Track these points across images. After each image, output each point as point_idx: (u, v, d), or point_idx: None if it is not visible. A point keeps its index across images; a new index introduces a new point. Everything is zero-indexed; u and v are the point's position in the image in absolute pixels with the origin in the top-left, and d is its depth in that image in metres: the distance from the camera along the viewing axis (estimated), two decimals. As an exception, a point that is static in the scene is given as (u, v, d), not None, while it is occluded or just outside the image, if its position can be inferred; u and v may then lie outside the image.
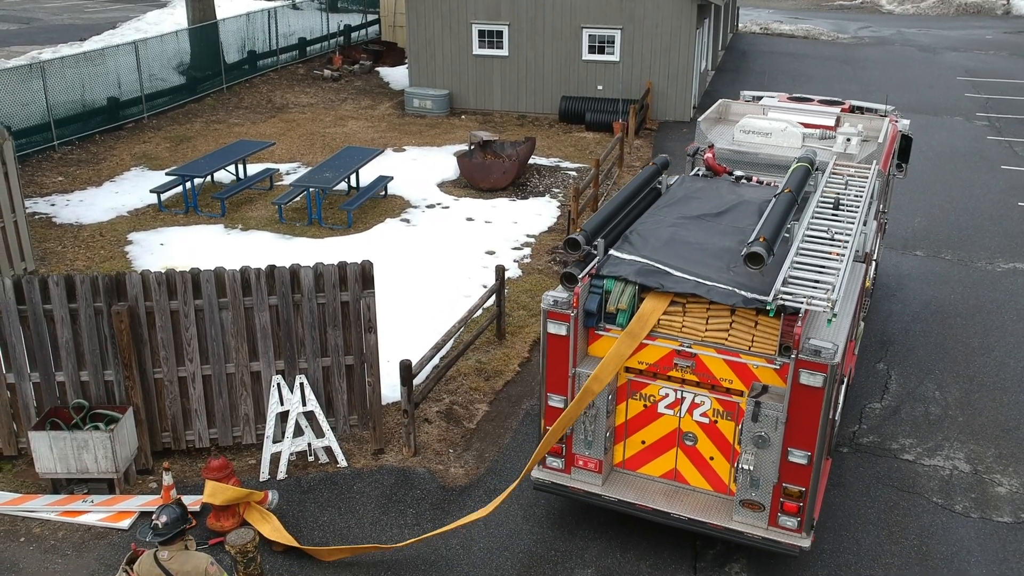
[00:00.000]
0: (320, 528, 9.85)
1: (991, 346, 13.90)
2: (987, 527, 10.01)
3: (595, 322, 9.09)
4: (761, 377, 8.59)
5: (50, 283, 10.07)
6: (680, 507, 9.17)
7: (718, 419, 8.96)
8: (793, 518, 8.68)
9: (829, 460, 9.87)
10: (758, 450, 8.54)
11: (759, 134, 12.49)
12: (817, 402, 8.16)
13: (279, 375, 10.71)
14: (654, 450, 9.40)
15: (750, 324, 8.63)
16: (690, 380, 8.90)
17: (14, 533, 9.74)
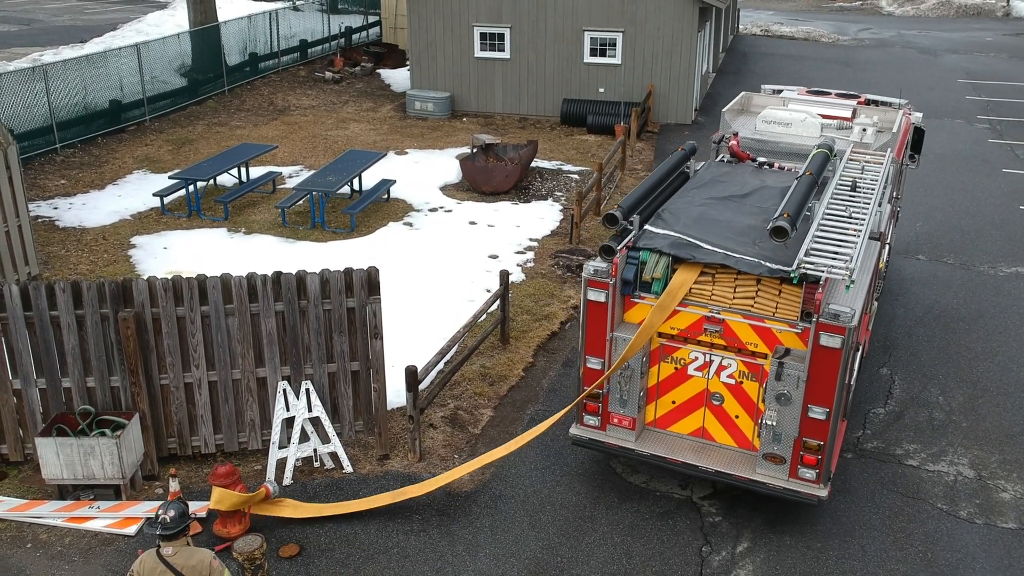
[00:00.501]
0: (325, 534, 9.86)
1: (994, 351, 13.93)
2: (992, 533, 10.03)
3: (631, 290, 9.96)
4: (784, 341, 9.41)
5: (57, 289, 10.09)
6: (707, 461, 10.00)
7: (743, 380, 9.79)
8: (812, 470, 9.51)
9: (844, 422, 10.71)
10: (780, 407, 9.40)
11: (780, 124, 13.15)
12: (836, 362, 8.98)
13: (285, 381, 10.73)
14: (683, 410, 10.26)
15: (774, 292, 9.49)
16: (718, 344, 9.76)
17: (21, 539, 9.75)
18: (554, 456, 11.25)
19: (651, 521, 10.13)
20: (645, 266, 9.87)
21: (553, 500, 10.45)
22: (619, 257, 9.71)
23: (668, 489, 10.67)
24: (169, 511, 7.20)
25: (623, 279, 9.86)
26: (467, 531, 9.95)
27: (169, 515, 7.18)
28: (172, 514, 7.19)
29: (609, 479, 10.84)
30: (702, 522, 10.13)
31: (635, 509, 10.32)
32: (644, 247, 9.92)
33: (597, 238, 17.80)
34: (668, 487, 10.70)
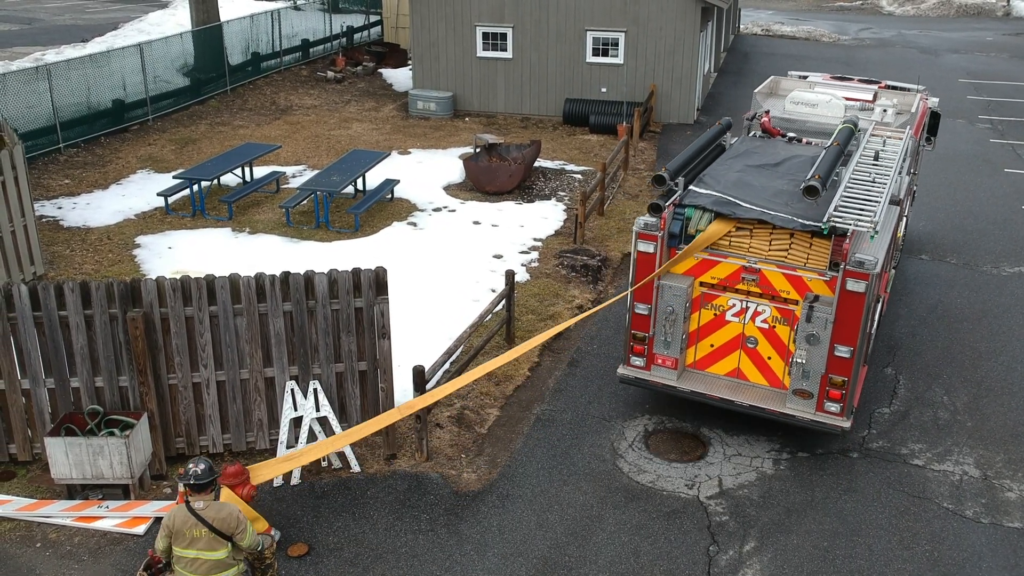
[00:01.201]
0: (334, 533, 9.89)
1: (998, 350, 13.97)
2: (998, 533, 10.07)
3: (677, 243, 11.18)
4: (813, 288, 10.60)
5: (65, 290, 10.11)
6: (742, 397, 11.23)
7: (776, 325, 10.99)
8: (837, 404, 10.71)
9: (865, 367, 12.02)
10: (809, 347, 10.58)
11: (807, 105, 14.28)
12: (860, 305, 10.19)
13: (293, 381, 10.76)
14: (721, 352, 11.49)
15: (806, 245, 10.68)
16: (754, 292, 10.96)
17: (30, 539, 9.78)
18: (561, 456, 11.28)
19: (658, 520, 10.16)
20: (690, 221, 11.15)
21: (560, 499, 10.49)
22: (666, 213, 11.05)
23: (675, 488, 10.70)
24: (200, 464, 7.86)
25: (670, 232, 11.15)
26: (475, 530, 9.98)
27: (200, 467, 7.85)
28: (202, 467, 7.86)
29: (616, 478, 10.87)
30: (709, 521, 10.17)
31: (642, 508, 10.35)
32: (689, 204, 11.17)
33: (601, 238, 17.83)
34: (675, 486, 10.74)
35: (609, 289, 15.93)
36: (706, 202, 11.08)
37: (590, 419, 12.07)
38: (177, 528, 7.81)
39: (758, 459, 11.28)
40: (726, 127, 13.49)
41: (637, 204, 19.80)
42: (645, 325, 11.43)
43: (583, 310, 15.08)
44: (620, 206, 19.61)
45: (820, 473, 11.02)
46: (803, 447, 11.51)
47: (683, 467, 11.12)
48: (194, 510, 7.81)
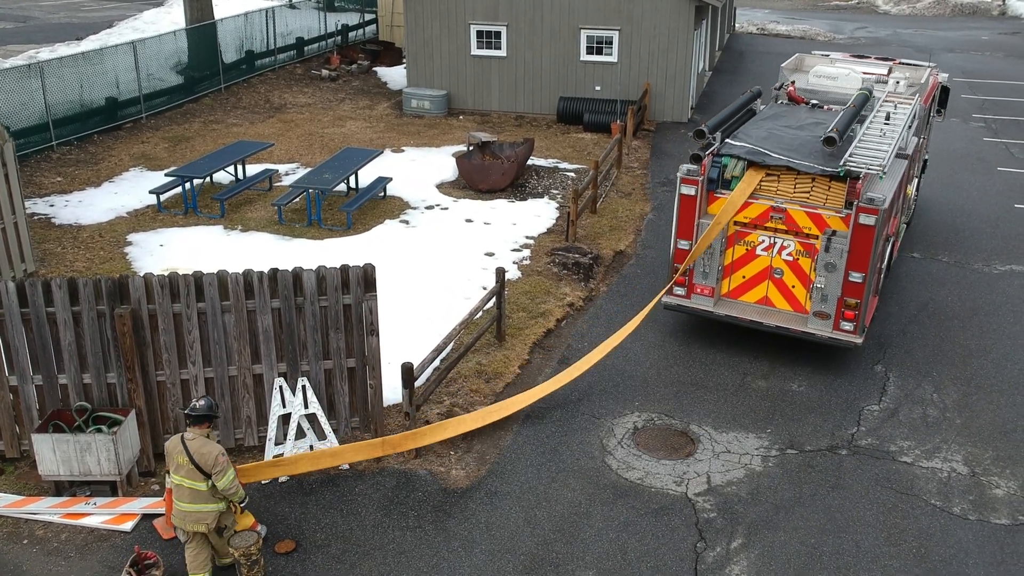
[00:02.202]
0: (322, 530, 9.89)
1: (988, 348, 13.98)
2: (985, 529, 10.08)
3: (715, 187, 13.09)
4: (831, 224, 12.37)
5: (53, 286, 10.10)
6: (769, 320, 13.09)
7: (799, 257, 12.79)
8: (851, 323, 12.52)
9: (875, 297, 13.73)
10: (828, 274, 12.48)
11: (828, 78, 16.10)
12: (870, 236, 12.00)
13: (281, 378, 10.75)
14: (751, 283, 13.29)
15: (825, 187, 12.55)
16: (780, 229, 12.75)
17: (17, 535, 9.77)
18: (550, 453, 11.28)
19: (646, 517, 10.17)
20: (726, 168, 13.00)
21: (549, 496, 10.49)
22: (706, 161, 12.89)
23: (663, 485, 10.71)
24: (200, 401, 8.78)
25: (709, 178, 13.00)
26: (463, 527, 9.98)
27: (200, 403, 8.76)
28: (203, 403, 8.77)
29: (604, 475, 10.88)
30: (697, 518, 10.18)
31: (630, 505, 10.36)
32: (726, 154, 13.04)
33: (593, 236, 17.83)
34: (663, 483, 10.75)
35: (601, 287, 15.94)
36: (740, 152, 12.96)
37: (579, 416, 12.07)
38: (168, 451, 8.76)
39: (747, 456, 11.29)
40: (756, 95, 15.47)
41: (630, 202, 19.81)
42: (686, 259, 13.28)
43: (574, 308, 15.09)
44: (613, 204, 19.61)
45: (808, 470, 11.03)
46: (792, 444, 11.53)
47: (672, 464, 11.12)
48: (184, 439, 8.67)
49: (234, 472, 8.77)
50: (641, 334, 14.17)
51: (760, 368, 13.28)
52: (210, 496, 8.72)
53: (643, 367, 13.29)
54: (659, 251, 17.36)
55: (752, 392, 12.68)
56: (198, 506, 8.69)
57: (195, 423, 8.73)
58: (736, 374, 13.13)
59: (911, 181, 16.23)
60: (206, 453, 8.60)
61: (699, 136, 13.12)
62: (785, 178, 12.77)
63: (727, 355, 13.63)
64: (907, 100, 14.80)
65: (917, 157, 16.68)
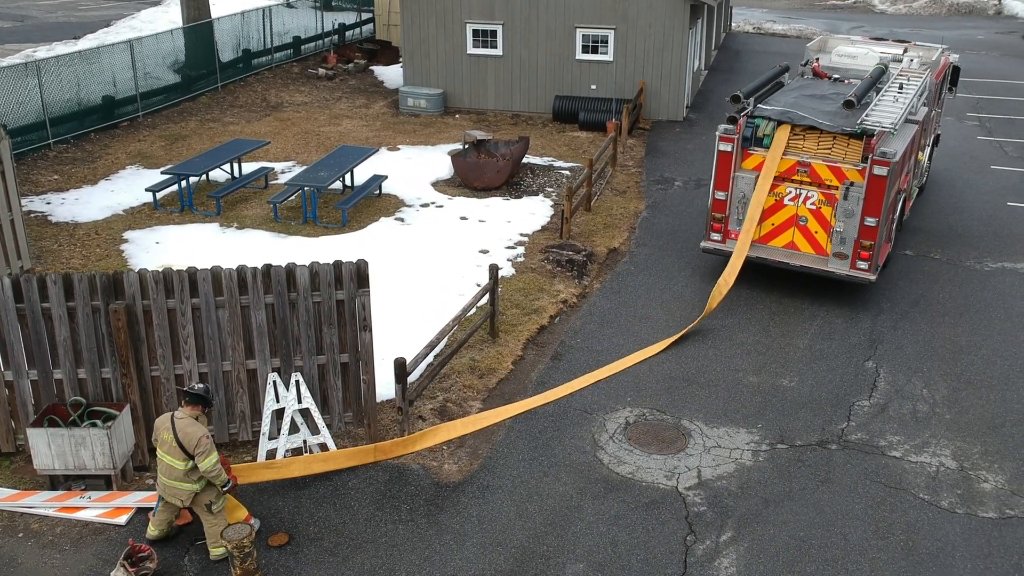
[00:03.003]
0: (315, 523, 9.97)
1: (978, 344, 14.07)
2: (972, 523, 10.17)
3: (749, 144, 15.10)
4: (850, 176, 14.34)
5: (48, 282, 10.17)
6: (795, 260, 15.01)
7: (821, 206, 14.69)
8: (866, 262, 14.47)
9: (888, 244, 15.70)
10: (846, 219, 14.40)
11: (849, 56, 18.43)
12: (883, 186, 13.94)
13: (275, 373, 10.83)
14: (779, 229, 15.15)
15: (844, 144, 14.51)
16: (805, 181, 14.69)
17: (12, 529, 9.84)
18: (542, 448, 11.37)
19: (636, 511, 10.25)
20: (758, 128, 14.96)
21: (540, 490, 10.58)
22: (741, 122, 14.89)
23: (654, 479, 10.80)
24: (198, 385, 9.24)
25: (743, 136, 14.97)
26: (455, 520, 10.06)
27: (198, 386, 9.21)
28: (200, 387, 9.21)
29: (596, 469, 10.96)
30: (687, 512, 10.26)
31: (621, 499, 10.44)
32: (759, 115, 15.04)
33: (587, 233, 17.91)
34: (654, 477, 10.83)
35: (594, 284, 16.02)
36: (772, 114, 14.93)
37: (572, 411, 12.16)
38: (156, 425, 9.21)
39: (737, 451, 11.38)
40: (785, 69, 17.68)
41: (624, 200, 19.89)
42: (723, 208, 15.30)
43: (567, 304, 15.17)
44: (607, 202, 19.70)
45: (798, 465, 11.12)
46: (783, 439, 11.62)
47: (663, 458, 11.21)
48: (173, 416, 9.08)
49: (217, 456, 9.06)
50: (635, 331, 14.26)
51: (752, 364, 13.37)
52: (184, 476, 9.08)
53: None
54: (653, 248, 17.44)
55: (744, 387, 12.77)
56: (172, 482, 9.14)
57: (189, 403, 9.15)
58: (728, 370, 13.22)
59: (923, 149, 18.15)
60: (191, 433, 8.96)
61: (735, 100, 15.15)
62: (810, 137, 14.72)
63: (719, 351, 13.72)
64: (919, 75, 16.95)
65: (929, 127, 18.42)
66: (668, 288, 15.78)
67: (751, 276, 16.04)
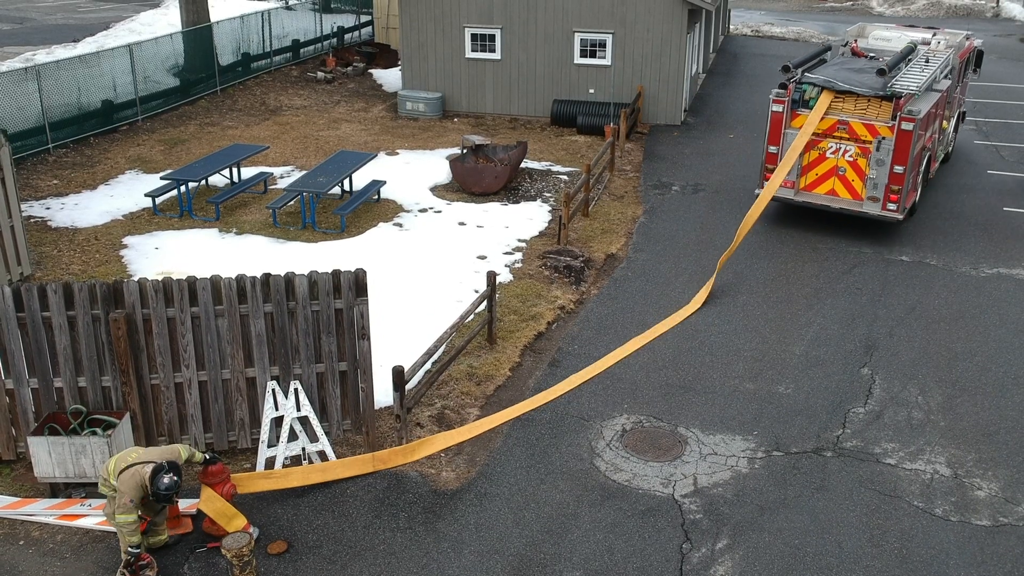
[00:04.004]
0: (313, 531, 10.04)
1: (973, 351, 14.15)
2: (966, 530, 10.25)
3: (796, 106, 17.99)
4: (881, 132, 17.24)
5: (49, 291, 10.25)
6: (835, 204, 17.98)
7: (857, 158, 17.64)
8: (894, 204, 17.46)
9: (914, 192, 18.58)
10: (878, 168, 17.37)
11: (883, 39, 21.77)
12: (909, 139, 16.94)
13: (274, 381, 10.91)
14: (822, 179, 18.15)
15: (877, 105, 17.46)
16: (844, 137, 17.60)
17: (13, 536, 9.92)
18: (539, 455, 11.45)
19: (633, 519, 10.33)
20: (805, 92, 18.00)
21: (537, 498, 10.65)
22: (791, 87, 17.86)
23: (650, 487, 10.87)
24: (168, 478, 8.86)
25: (792, 99, 17.90)
26: (452, 528, 10.14)
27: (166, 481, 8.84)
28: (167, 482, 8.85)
29: (593, 477, 11.04)
30: (683, 519, 10.34)
31: (617, 507, 10.52)
32: (806, 82, 18.07)
33: (585, 239, 17.99)
34: (650, 485, 10.91)
35: (592, 290, 16.10)
36: (816, 80, 17.91)
37: (569, 418, 12.24)
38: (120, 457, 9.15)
39: (733, 458, 11.45)
40: (827, 48, 21.01)
41: (622, 205, 19.97)
42: (774, 159, 18.13)
43: (565, 311, 15.25)
44: (605, 207, 19.78)
45: (794, 472, 11.20)
46: (778, 446, 11.69)
47: (659, 466, 11.29)
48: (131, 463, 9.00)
49: (133, 520, 8.90)
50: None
51: (748, 370, 13.45)
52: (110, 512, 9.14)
53: (632, 370, 13.46)
54: (651, 254, 17.52)
55: (740, 395, 12.86)
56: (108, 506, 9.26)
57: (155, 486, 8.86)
58: (724, 376, 13.30)
59: (948, 119, 21.07)
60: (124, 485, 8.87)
61: (785, 70, 18.33)
62: (848, 100, 17.64)
63: (715, 358, 13.80)
64: (943, 53, 20.12)
65: (953, 100, 21.35)
66: (666, 294, 15.86)
67: (753, 279, 16.13)
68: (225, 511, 9.67)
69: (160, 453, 9.18)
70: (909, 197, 17.94)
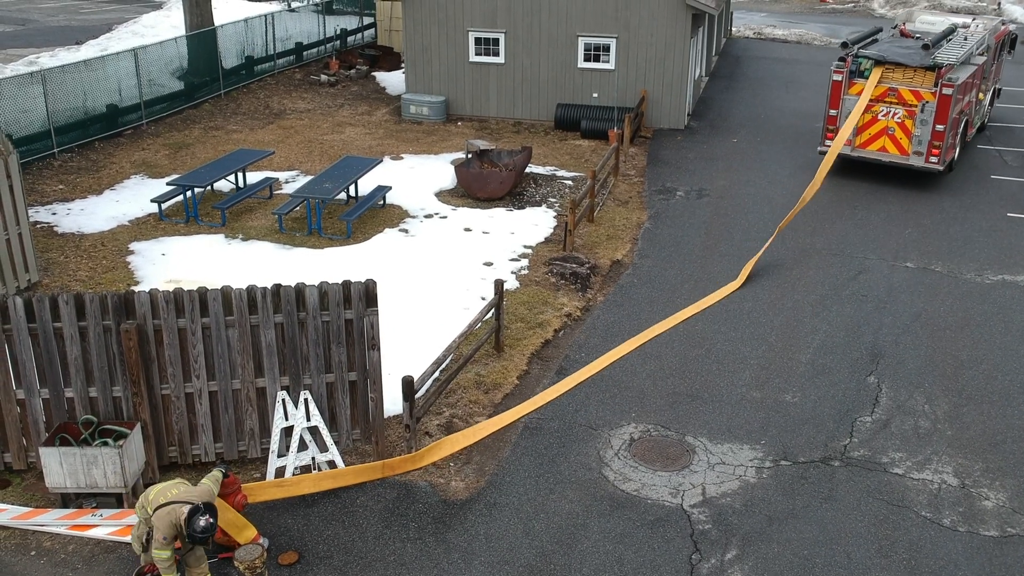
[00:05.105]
0: (324, 541, 10.08)
1: (980, 359, 14.19)
2: (974, 541, 10.29)
3: (854, 76, 21.32)
4: (925, 97, 20.57)
5: (60, 302, 10.28)
6: (886, 158, 21.40)
7: (904, 120, 20.97)
8: (936, 157, 20.85)
9: (953, 150, 21.90)
10: (922, 127, 20.67)
11: (928, 23, 26.29)
12: (949, 101, 20.31)
13: (284, 391, 10.94)
14: (874, 138, 21.48)
15: (922, 75, 20.71)
16: (893, 102, 20.96)
17: (25, 547, 9.95)
18: (548, 464, 11.48)
19: (642, 529, 10.37)
20: (861, 64, 21.27)
21: (546, 508, 10.69)
22: (849, 59, 21.23)
23: (659, 497, 10.91)
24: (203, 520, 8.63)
25: (850, 70, 21.26)
26: (462, 539, 10.17)
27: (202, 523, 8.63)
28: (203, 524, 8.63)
29: (601, 487, 11.08)
30: (692, 530, 10.37)
31: (627, 517, 10.56)
32: (861, 55, 21.34)
33: (590, 245, 18.02)
34: (659, 495, 10.95)
35: (598, 297, 16.13)
36: (871, 54, 21.20)
37: (577, 427, 12.27)
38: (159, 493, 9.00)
39: (741, 468, 11.49)
40: (878, 30, 24.09)
41: (627, 210, 20.00)
42: (834, 121, 21.49)
43: (572, 318, 15.28)
44: (610, 213, 19.81)
45: (802, 482, 11.24)
46: (786, 456, 11.73)
47: (668, 475, 11.32)
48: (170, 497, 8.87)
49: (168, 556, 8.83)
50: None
51: (755, 379, 13.49)
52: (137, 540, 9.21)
53: (639, 378, 13.49)
54: (656, 260, 17.55)
55: (747, 403, 12.89)
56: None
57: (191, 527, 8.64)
58: (731, 385, 13.34)
59: (984, 91, 24.35)
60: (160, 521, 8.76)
61: (844, 46, 21.75)
62: (897, 71, 20.97)
63: (722, 366, 13.84)
64: (980, 32, 23.99)
65: (988, 75, 24.67)
66: (672, 301, 15.89)
67: (758, 286, 16.17)
68: (236, 522, 9.70)
69: (199, 494, 8.93)
70: (949, 152, 21.23)
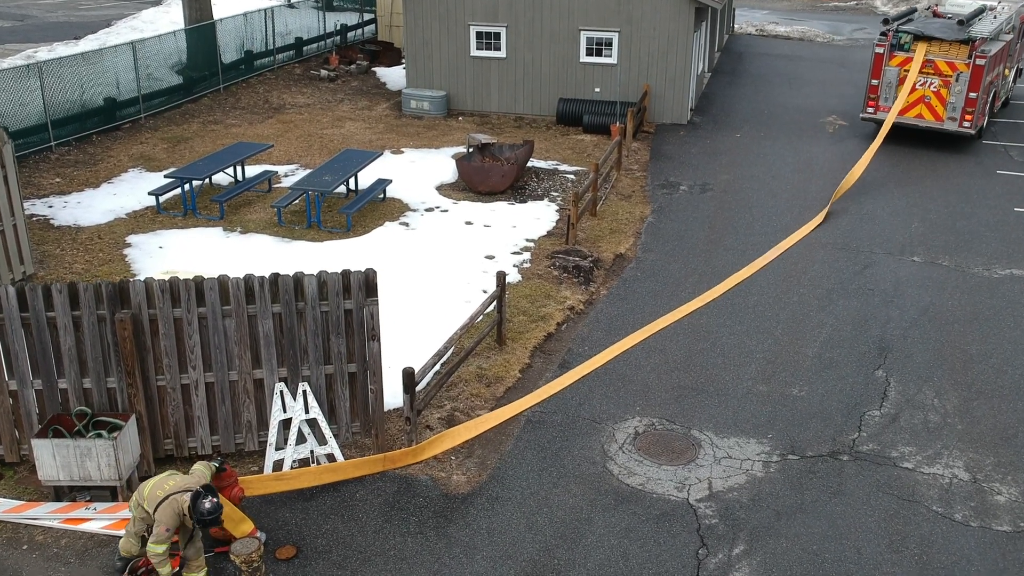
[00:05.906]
0: (323, 536, 9.87)
1: (989, 353, 13.98)
2: (987, 536, 10.08)
3: (894, 49, 23.40)
4: (959, 68, 22.69)
5: (53, 291, 10.06)
6: (923, 123, 23.42)
7: (940, 89, 23.01)
8: (969, 123, 22.99)
9: (983, 117, 24.15)
10: (956, 95, 22.82)
11: (959, 5, 26.54)
12: (981, 71, 22.49)
13: (282, 383, 10.73)
14: (912, 105, 23.39)
15: (957, 48, 22.90)
16: (930, 72, 23.03)
17: (17, 541, 9.74)
18: (551, 458, 11.27)
19: (648, 523, 10.16)
20: (901, 38, 23.33)
21: (550, 502, 10.48)
22: (890, 34, 23.32)
23: (664, 491, 10.70)
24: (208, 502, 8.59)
25: (891, 43, 23.36)
26: (464, 533, 9.96)
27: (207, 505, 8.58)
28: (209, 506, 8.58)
29: (606, 481, 10.86)
30: (699, 524, 10.16)
31: (632, 511, 10.34)
32: (900, 30, 23.44)
33: (593, 239, 17.81)
34: (664, 489, 10.73)
35: (601, 290, 15.92)
36: (911, 29, 23.35)
37: (580, 421, 12.06)
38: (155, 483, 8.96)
39: (748, 462, 11.28)
40: (912, 11, 25.63)
41: (630, 204, 19.79)
42: (875, 91, 23.66)
43: (574, 311, 15.07)
44: (613, 207, 19.59)
45: (810, 476, 11.03)
46: (793, 450, 11.52)
47: (673, 469, 11.11)
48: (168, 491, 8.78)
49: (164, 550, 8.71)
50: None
51: (761, 372, 13.28)
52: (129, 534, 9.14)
53: (644, 371, 13.28)
54: (660, 254, 17.34)
55: (753, 397, 12.68)
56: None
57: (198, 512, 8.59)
58: (737, 378, 13.13)
59: (1009, 68, 26.83)
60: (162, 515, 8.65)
61: (885, 23, 23.75)
62: (934, 43, 23.05)
63: (728, 359, 13.62)
64: (1007, 12, 26.04)
65: (1014, 54, 26.98)
66: (675, 294, 15.68)
67: (763, 279, 15.96)
68: (232, 515, 9.49)
69: (196, 480, 8.91)
70: (980, 119, 23.48)
